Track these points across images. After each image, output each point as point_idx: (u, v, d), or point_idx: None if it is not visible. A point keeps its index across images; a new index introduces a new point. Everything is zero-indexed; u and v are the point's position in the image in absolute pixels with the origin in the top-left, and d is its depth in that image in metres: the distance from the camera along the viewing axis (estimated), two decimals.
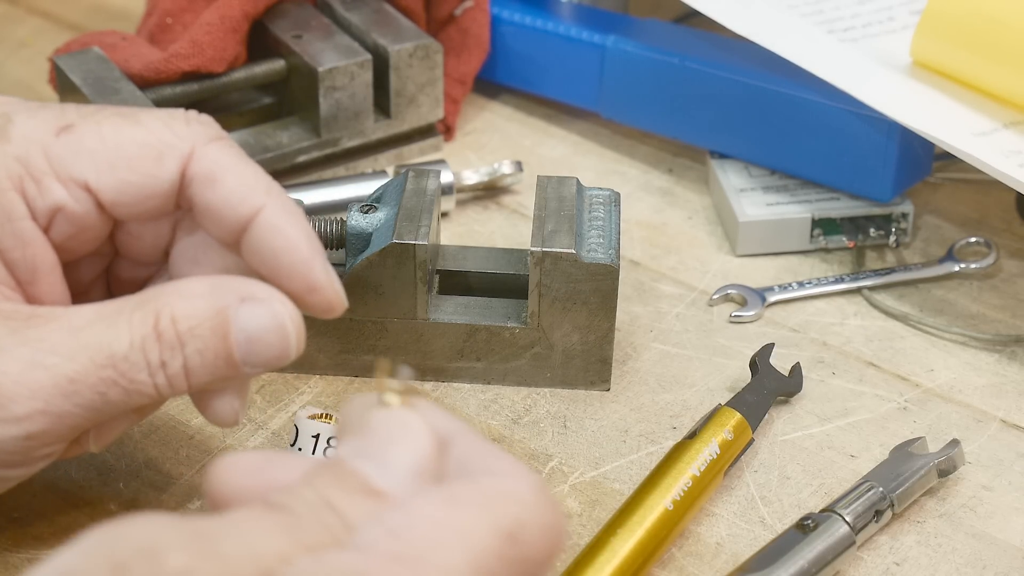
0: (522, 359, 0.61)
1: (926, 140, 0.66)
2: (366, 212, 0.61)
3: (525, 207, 0.74)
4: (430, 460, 0.38)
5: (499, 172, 0.73)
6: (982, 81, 0.69)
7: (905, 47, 0.71)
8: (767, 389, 0.59)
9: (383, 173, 0.72)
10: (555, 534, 0.38)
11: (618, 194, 0.63)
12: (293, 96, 0.74)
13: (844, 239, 0.70)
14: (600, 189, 0.63)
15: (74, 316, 0.46)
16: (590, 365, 0.61)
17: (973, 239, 0.70)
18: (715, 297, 0.67)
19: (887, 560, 0.54)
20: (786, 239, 0.70)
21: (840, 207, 0.70)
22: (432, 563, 0.35)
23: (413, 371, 0.40)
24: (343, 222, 0.61)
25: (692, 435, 0.56)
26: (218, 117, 0.73)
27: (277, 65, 0.74)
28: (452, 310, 0.61)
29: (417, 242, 0.58)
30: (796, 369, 0.61)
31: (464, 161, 0.77)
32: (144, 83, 0.70)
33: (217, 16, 0.72)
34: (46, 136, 0.48)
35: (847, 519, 0.53)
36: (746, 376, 0.61)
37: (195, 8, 0.76)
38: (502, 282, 0.63)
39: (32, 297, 0.49)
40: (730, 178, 0.72)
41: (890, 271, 0.69)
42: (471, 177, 0.73)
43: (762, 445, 0.59)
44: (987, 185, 0.75)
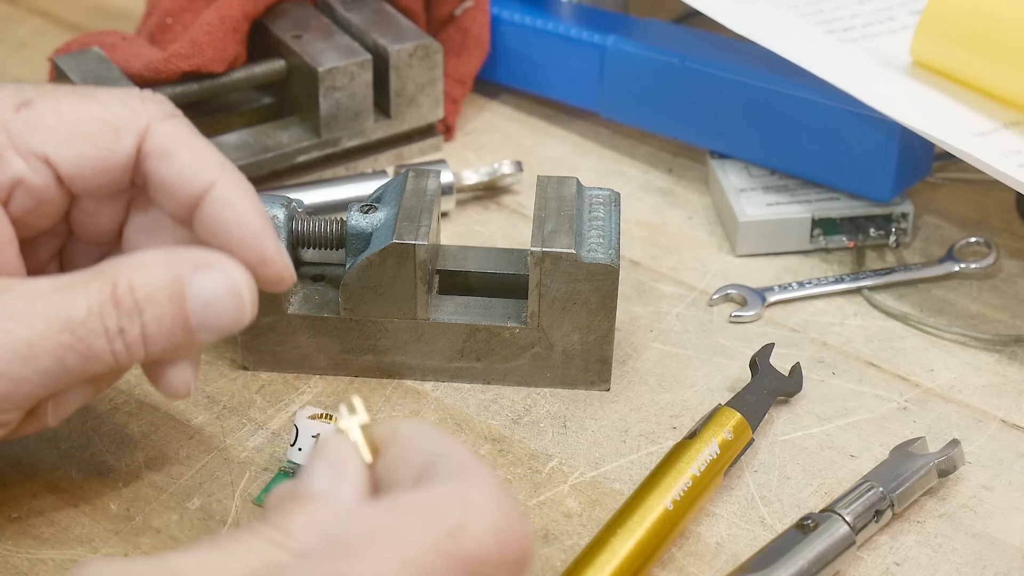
0: (522, 359, 0.61)
1: (926, 140, 0.66)
2: (366, 212, 0.61)
3: (525, 207, 0.74)
4: (350, 460, 0.41)
5: (499, 172, 0.73)
6: (982, 81, 0.69)
7: (905, 47, 0.71)
8: (767, 389, 0.59)
9: (383, 173, 0.72)
10: (508, 534, 0.39)
11: (618, 194, 0.63)
12: (293, 96, 0.74)
13: (844, 239, 0.70)
14: (600, 189, 0.63)
15: (30, 285, 0.47)
16: (590, 365, 0.61)
17: (973, 239, 0.70)
18: (715, 297, 0.67)
19: (887, 560, 0.54)
20: (786, 239, 0.70)
21: (840, 207, 0.70)
22: (364, 564, 0.37)
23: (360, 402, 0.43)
24: (343, 222, 0.61)
25: (692, 435, 0.56)
26: (218, 117, 0.74)
27: (277, 65, 0.74)
28: (452, 310, 0.61)
29: (417, 242, 0.58)
30: (796, 369, 0.61)
31: (464, 161, 0.77)
32: (144, 83, 0.70)
33: (217, 16, 0.72)
34: (5, 112, 0.49)
35: (847, 519, 0.53)
36: (746, 376, 0.61)
37: (195, 8, 0.76)
38: (502, 282, 0.63)
39: None
40: (730, 178, 0.72)
41: (890, 271, 0.69)
42: (471, 177, 0.73)
43: (762, 445, 0.59)
44: (987, 185, 0.75)
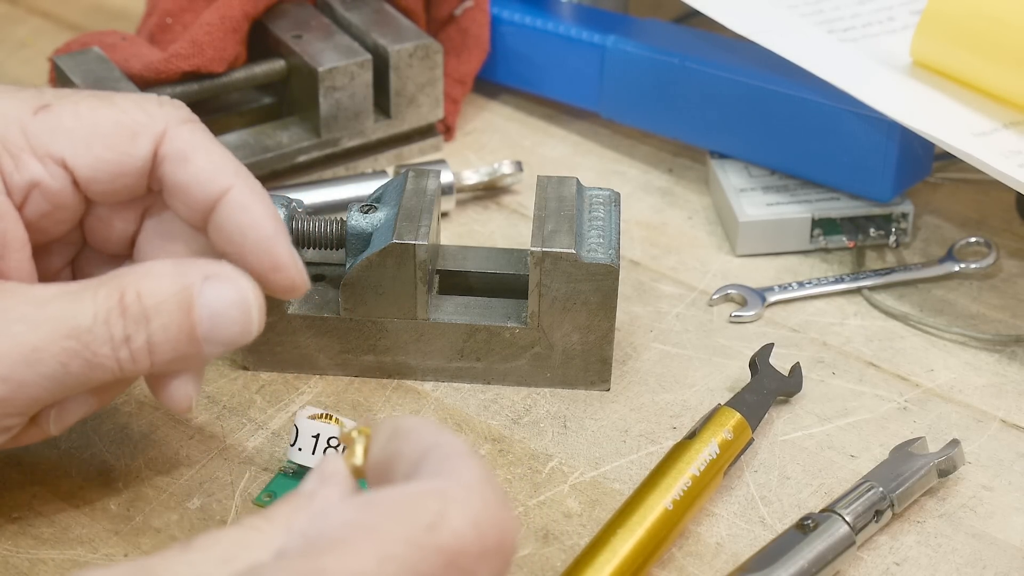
0: (522, 359, 0.61)
1: (926, 140, 0.66)
2: (366, 212, 0.61)
3: (525, 207, 0.74)
4: (335, 461, 0.42)
5: (499, 172, 0.73)
6: (982, 81, 0.69)
7: (905, 47, 0.71)
8: (767, 389, 0.59)
9: (383, 173, 0.72)
10: (488, 526, 0.39)
11: (618, 194, 0.63)
12: (293, 96, 0.74)
13: (844, 239, 0.70)
14: (600, 189, 0.63)
15: (39, 291, 0.47)
16: (590, 365, 0.61)
17: (973, 239, 0.70)
18: (715, 297, 0.67)
19: (887, 560, 0.54)
20: (786, 239, 0.70)
21: (840, 207, 0.70)
22: (341, 559, 0.37)
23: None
24: (343, 222, 0.61)
25: (692, 435, 0.56)
26: (218, 117, 0.74)
27: (277, 65, 0.74)
28: (452, 310, 0.61)
29: (417, 242, 0.58)
30: (796, 369, 0.61)
31: (464, 161, 0.77)
32: (144, 83, 0.70)
33: (217, 16, 0.72)
34: (24, 114, 0.49)
35: (847, 519, 0.53)
36: (746, 376, 0.61)
37: (195, 8, 0.76)
38: (502, 282, 0.63)
39: (0, 272, 0.49)
40: (730, 178, 0.72)
41: (890, 271, 0.69)
42: (471, 177, 0.73)
43: (762, 445, 0.59)
44: (987, 185, 0.75)
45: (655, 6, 0.88)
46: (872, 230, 0.70)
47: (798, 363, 0.62)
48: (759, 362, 0.60)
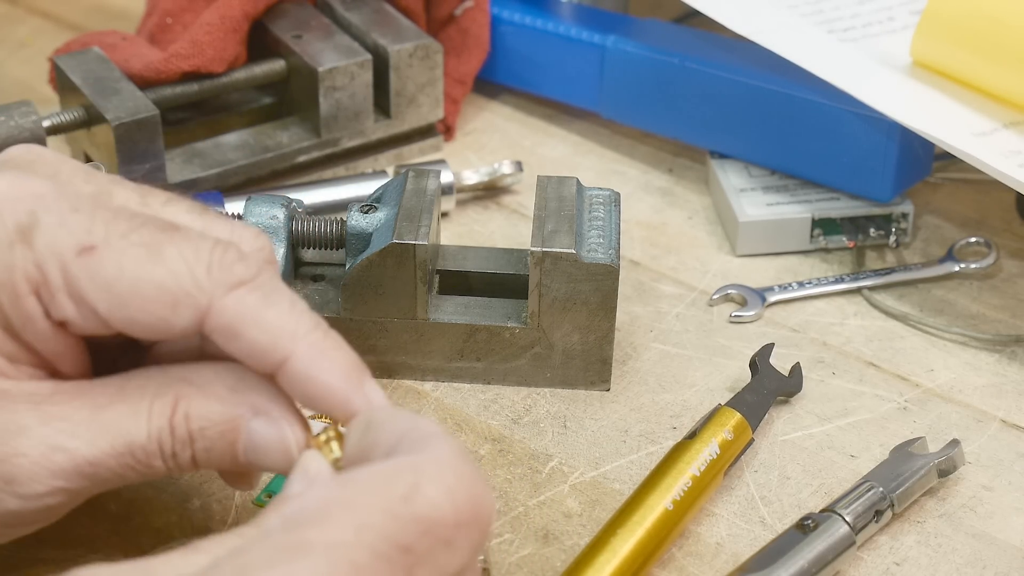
0: (522, 359, 0.61)
1: (926, 140, 0.66)
2: (366, 212, 0.61)
3: (525, 207, 0.74)
4: (316, 459, 0.45)
5: (499, 172, 0.73)
6: (982, 81, 0.69)
7: (905, 47, 0.71)
8: (767, 389, 0.59)
9: (383, 173, 0.72)
10: (463, 496, 0.40)
11: (618, 194, 0.63)
12: (293, 96, 0.74)
13: (844, 239, 0.70)
14: (600, 189, 0.63)
15: (97, 393, 0.47)
16: (590, 365, 0.61)
17: (973, 239, 0.70)
18: (715, 297, 0.67)
19: (887, 560, 0.54)
20: (786, 239, 0.70)
21: (840, 207, 0.70)
22: (319, 531, 0.38)
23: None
24: (343, 222, 0.61)
25: (692, 435, 0.56)
26: (218, 117, 0.74)
27: (277, 65, 0.74)
28: (452, 310, 0.61)
29: (417, 242, 0.58)
30: (796, 369, 0.61)
31: (464, 161, 0.77)
32: (144, 83, 0.70)
33: (217, 16, 0.72)
34: (67, 253, 0.46)
35: (847, 519, 0.53)
36: (746, 376, 0.61)
37: (195, 8, 0.76)
38: (502, 282, 0.63)
39: (55, 372, 0.49)
40: (730, 178, 0.72)
41: (890, 271, 0.69)
42: (471, 177, 0.73)
43: (762, 445, 0.59)
44: (987, 185, 0.75)
45: (655, 6, 0.88)
46: (872, 230, 0.70)
47: (798, 363, 0.62)
48: (759, 362, 0.60)
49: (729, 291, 0.67)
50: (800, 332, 0.65)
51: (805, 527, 0.52)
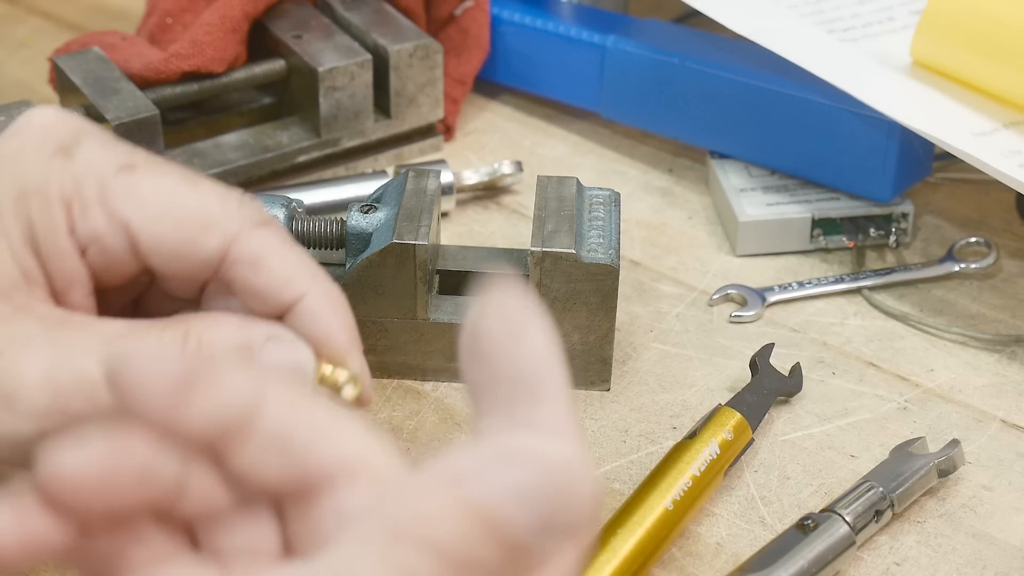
0: None
1: (926, 140, 0.66)
2: (366, 212, 0.61)
3: (525, 207, 0.74)
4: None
5: (499, 172, 0.73)
6: (982, 81, 0.69)
7: (905, 47, 0.71)
8: (767, 389, 0.59)
9: (383, 173, 0.72)
10: (542, 505, 0.36)
11: (618, 194, 0.63)
12: (293, 96, 0.74)
13: (844, 239, 0.70)
14: (600, 189, 0.63)
15: (106, 327, 0.47)
16: (590, 365, 0.61)
17: (973, 239, 0.70)
18: (715, 297, 0.67)
19: (887, 560, 0.54)
20: (786, 239, 0.70)
21: (840, 207, 0.70)
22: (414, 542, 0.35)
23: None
24: (343, 222, 0.61)
25: (692, 435, 0.56)
26: (218, 117, 0.74)
27: (277, 65, 0.74)
28: (452, 310, 0.61)
29: (417, 242, 0.58)
30: (796, 369, 0.61)
31: (464, 161, 0.77)
32: (144, 83, 0.70)
33: (217, 16, 0.72)
34: (107, 168, 0.48)
35: (847, 519, 0.53)
36: (746, 376, 0.61)
37: (195, 8, 0.76)
38: None
39: (66, 306, 0.49)
40: (730, 178, 0.72)
41: (890, 271, 0.69)
42: (471, 177, 0.73)
43: (762, 445, 0.59)
44: (987, 185, 0.75)
45: (655, 6, 0.88)
46: (872, 230, 0.70)
47: (798, 363, 0.62)
48: (759, 362, 0.60)
49: (729, 291, 0.67)
50: (800, 332, 0.65)
51: (805, 527, 0.52)
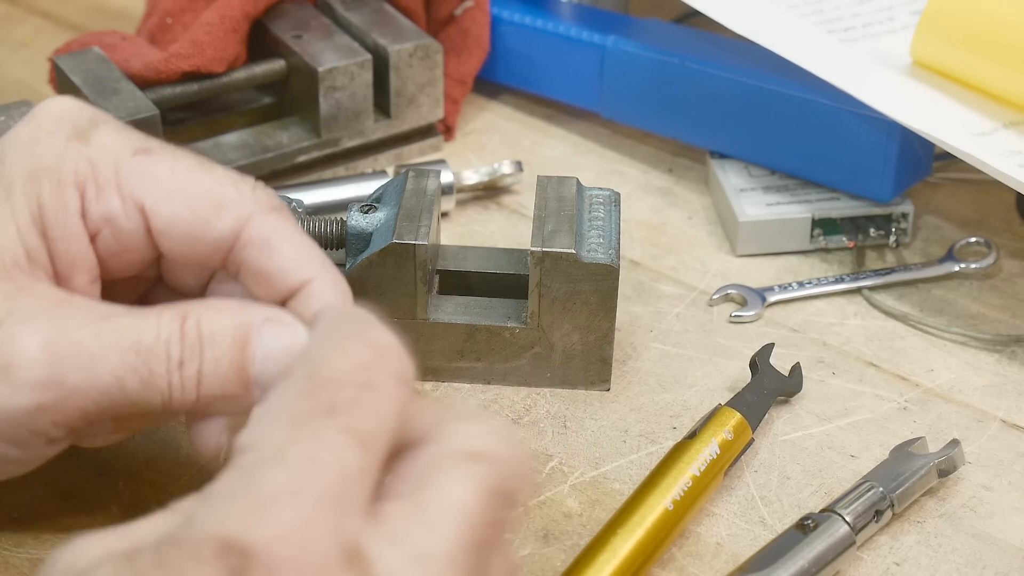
0: (522, 359, 0.61)
1: (926, 140, 0.66)
2: (366, 212, 0.61)
3: (525, 207, 0.74)
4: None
5: (499, 172, 0.73)
6: (982, 81, 0.69)
7: (905, 47, 0.71)
8: (767, 389, 0.59)
9: (383, 173, 0.72)
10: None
11: (618, 194, 0.63)
12: (293, 96, 0.74)
13: (844, 239, 0.70)
14: (600, 189, 0.63)
15: (104, 307, 0.47)
16: (590, 365, 0.61)
17: (973, 239, 0.70)
18: (715, 297, 0.67)
19: (887, 560, 0.54)
20: (786, 239, 0.70)
21: (840, 207, 0.70)
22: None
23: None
24: (343, 222, 0.61)
25: (692, 435, 0.56)
26: (218, 117, 0.74)
27: (277, 65, 0.74)
28: (452, 310, 0.61)
29: (417, 242, 0.58)
30: (796, 369, 0.61)
31: (464, 161, 0.77)
32: (144, 83, 0.70)
33: (217, 16, 0.72)
34: (123, 152, 0.49)
35: (847, 519, 0.53)
36: (746, 376, 0.61)
37: (195, 8, 0.76)
38: (502, 282, 0.63)
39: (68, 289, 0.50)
40: (730, 178, 0.72)
41: (890, 271, 0.69)
42: (471, 177, 0.73)
43: (762, 445, 0.59)
44: (987, 185, 0.75)
45: (655, 6, 0.88)
46: (872, 230, 0.70)
47: (798, 363, 0.62)
48: (759, 362, 0.60)
49: (729, 291, 0.67)
50: (800, 332, 0.65)
51: (805, 527, 0.52)
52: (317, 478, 0.37)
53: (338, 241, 0.61)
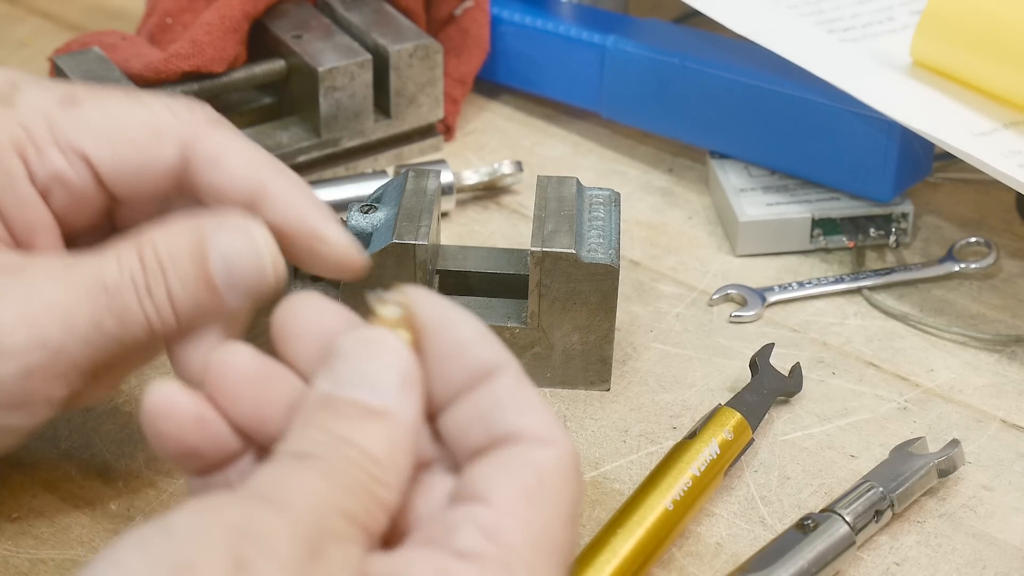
0: (522, 359, 0.61)
1: (926, 140, 0.66)
2: (366, 212, 0.61)
3: (525, 207, 0.74)
4: (412, 367, 0.41)
5: (499, 172, 0.73)
6: (982, 81, 0.69)
7: (905, 47, 0.71)
8: (767, 389, 0.59)
9: (383, 173, 0.72)
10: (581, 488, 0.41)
11: (618, 194, 0.63)
12: (293, 96, 0.74)
13: (844, 239, 0.70)
14: (600, 189, 0.63)
15: (65, 259, 0.48)
16: (590, 365, 0.61)
17: (973, 239, 0.70)
18: (715, 297, 0.67)
19: (887, 560, 0.54)
20: (786, 239, 0.70)
21: (840, 207, 0.70)
22: (532, 567, 0.38)
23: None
24: (343, 222, 0.61)
25: (692, 435, 0.56)
26: None
27: (277, 65, 0.74)
28: None
29: (417, 242, 0.58)
30: (796, 369, 0.61)
31: (464, 161, 0.77)
32: (144, 83, 0.70)
33: (217, 16, 0.72)
34: (51, 107, 0.49)
35: (847, 519, 0.53)
36: (746, 376, 0.61)
37: (195, 8, 0.76)
38: (502, 282, 0.63)
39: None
40: (730, 178, 0.72)
41: (890, 271, 0.69)
42: (471, 177, 0.73)
43: (762, 445, 0.59)
44: (987, 185, 0.75)
45: (655, 6, 0.88)
46: (872, 230, 0.70)
47: (798, 363, 0.62)
48: (759, 362, 0.60)
49: (729, 291, 0.67)
50: (800, 332, 0.65)
51: (805, 527, 0.52)
52: None
53: None
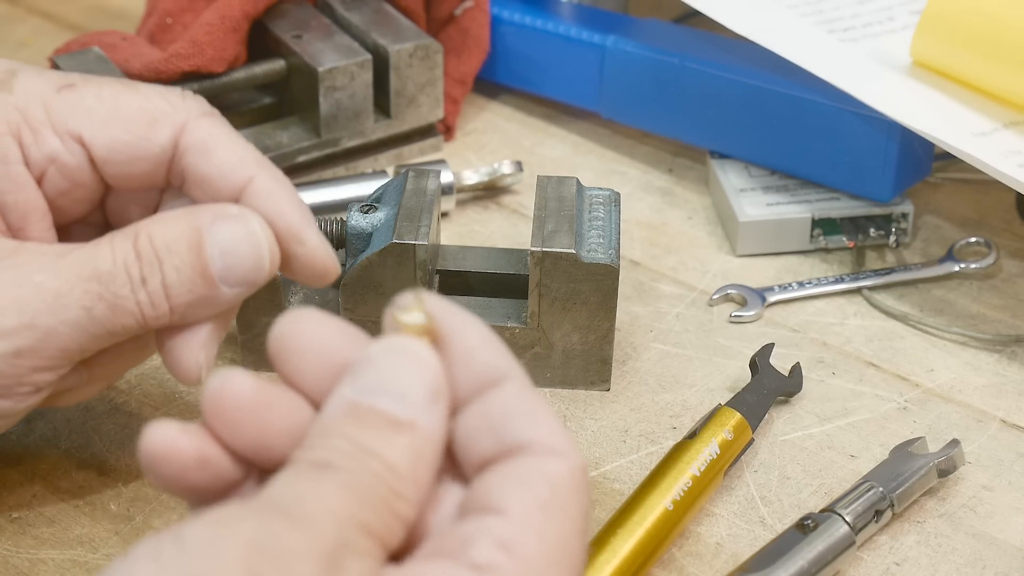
0: (522, 359, 0.61)
1: (926, 140, 0.66)
2: (366, 212, 0.61)
3: (525, 207, 0.74)
4: (441, 380, 0.39)
5: (499, 172, 0.73)
6: (982, 81, 0.69)
7: (905, 47, 0.71)
8: (767, 389, 0.59)
9: (383, 173, 0.72)
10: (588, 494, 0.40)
11: (618, 194, 0.63)
12: (293, 96, 0.74)
13: (844, 239, 0.70)
14: (600, 189, 0.63)
15: (59, 247, 0.48)
16: (590, 365, 0.61)
17: (973, 239, 0.70)
18: (715, 297, 0.67)
19: (887, 560, 0.54)
20: (786, 239, 0.70)
21: (840, 207, 0.70)
22: None
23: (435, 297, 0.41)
24: (343, 222, 0.61)
25: (692, 435, 0.56)
26: None
27: (277, 65, 0.74)
28: None
29: (417, 242, 0.58)
30: (796, 369, 0.61)
31: (464, 161, 0.77)
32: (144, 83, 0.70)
33: (217, 16, 0.72)
34: (48, 92, 0.50)
35: (847, 519, 0.53)
36: (746, 376, 0.61)
37: (195, 8, 0.76)
38: (502, 282, 0.63)
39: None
40: (730, 178, 0.72)
41: (890, 271, 0.69)
42: (471, 177, 0.73)
43: (762, 445, 0.59)
44: (987, 185, 0.75)
45: (655, 6, 0.88)
46: (872, 230, 0.70)
47: (798, 363, 0.62)
48: (759, 362, 0.60)
49: (729, 291, 0.67)
50: (800, 332, 0.65)
51: (805, 527, 0.52)
52: None
53: (338, 241, 0.61)
